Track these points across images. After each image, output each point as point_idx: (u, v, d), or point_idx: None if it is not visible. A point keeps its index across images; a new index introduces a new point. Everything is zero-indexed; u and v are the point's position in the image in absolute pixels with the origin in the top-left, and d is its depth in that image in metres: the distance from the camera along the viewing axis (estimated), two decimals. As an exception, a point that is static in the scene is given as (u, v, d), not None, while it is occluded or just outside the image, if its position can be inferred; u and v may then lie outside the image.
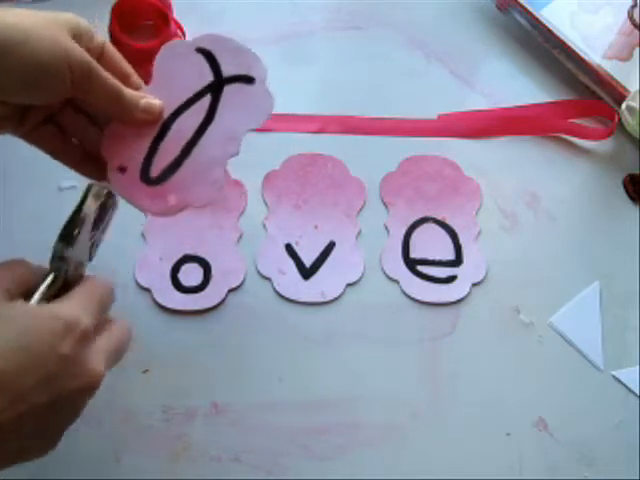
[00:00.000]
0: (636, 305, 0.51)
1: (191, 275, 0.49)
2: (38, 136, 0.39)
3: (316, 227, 0.52)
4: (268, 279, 0.50)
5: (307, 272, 0.50)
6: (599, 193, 0.56)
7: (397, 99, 0.58)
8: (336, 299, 0.50)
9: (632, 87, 0.56)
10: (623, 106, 0.55)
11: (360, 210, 0.53)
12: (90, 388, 0.33)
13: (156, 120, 0.39)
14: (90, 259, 0.36)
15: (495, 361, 0.48)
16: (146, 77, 0.57)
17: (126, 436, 0.44)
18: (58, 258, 0.34)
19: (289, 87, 0.57)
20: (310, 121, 0.56)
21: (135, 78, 0.40)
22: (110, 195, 0.36)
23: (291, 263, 0.51)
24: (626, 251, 0.53)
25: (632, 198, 0.55)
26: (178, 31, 0.57)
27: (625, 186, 0.56)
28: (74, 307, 0.33)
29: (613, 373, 0.49)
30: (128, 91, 0.38)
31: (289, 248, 0.51)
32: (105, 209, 0.36)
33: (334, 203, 0.53)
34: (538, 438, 0.46)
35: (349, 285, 0.50)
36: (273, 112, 0.43)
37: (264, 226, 0.52)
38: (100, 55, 0.38)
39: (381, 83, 0.59)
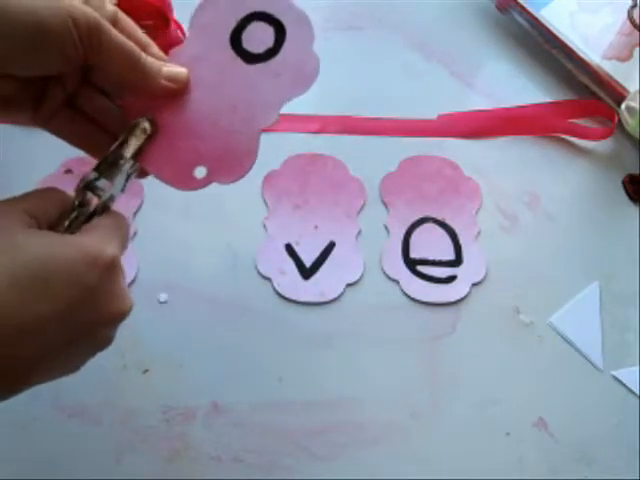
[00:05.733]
0: (636, 305, 0.51)
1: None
2: (58, 123, 0.36)
3: (316, 227, 0.52)
4: (268, 279, 0.50)
5: (307, 272, 0.50)
6: (599, 193, 0.56)
7: (397, 99, 0.58)
8: (336, 299, 0.50)
9: (632, 87, 0.56)
10: (623, 106, 0.55)
11: (360, 210, 0.53)
12: (117, 322, 0.31)
13: (181, 90, 0.36)
14: (122, 191, 0.34)
15: (495, 361, 0.48)
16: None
17: (126, 436, 0.44)
18: (92, 189, 0.32)
19: (289, 87, 0.57)
20: (310, 121, 0.56)
21: (155, 49, 0.36)
22: (155, 128, 0.35)
23: (291, 263, 0.50)
24: (626, 251, 0.53)
25: (632, 198, 0.55)
26: (178, 31, 0.57)
27: (625, 186, 0.56)
28: (101, 237, 0.30)
29: (613, 373, 0.49)
30: (147, 56, 0.34)
31: (289, 248, 0.51)
32: (149, 141, 0.35)
33: (334, 203, 0.53)
34: (538, 438, 0.46)
35: (349, 285, 0.50)
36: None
37: (264, 226, 0.52)
38: (113, 23, 0.34)
39: (381, 83, 0.59)
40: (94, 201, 0.32)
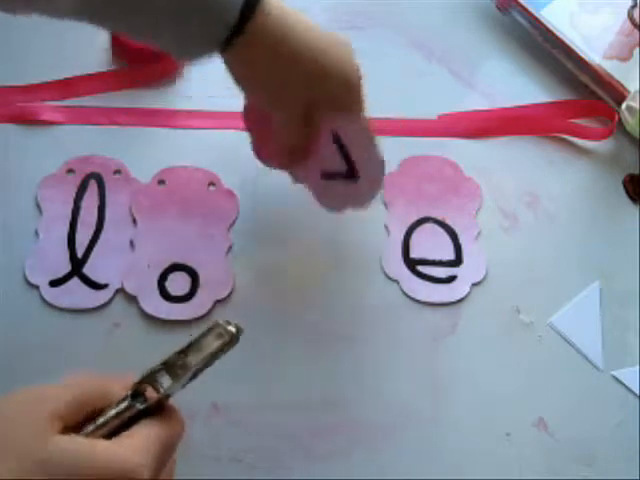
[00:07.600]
0: (636, 305, 0.51)
1: (178, 284, 0.49)
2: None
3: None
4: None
5: (307, 272, 0.50)
6: (599, 193, 0.56)
7: (397, 99, 0.58)
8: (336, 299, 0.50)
9: (632, 87, 0.56)
10: (623, 106, 0.55)
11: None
12: None
13: None
14: (182, 387, 0.32)
15: (495, 361, 0.48)
16: (147, 76, 0.57)
17: (126, 436, 0.44)
18: (152, 385, 0.30)
19: (289, 87, 0.57)
20: (310, 121, 0.56)
21: None
22: (234, 336, 0.32)
23: (291, 263, 0.51)
24: (626, 251, 0.53)
25: (632, 198, 0.55)
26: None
27: (625, 186, 0.56)
28: (136, 451, 0.27)
29: (613, 373, 0.49)
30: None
31: (289, 248, 0.51)
32: (223, 349, 0.32)
33: (334, 203, 0.53)
34: (538, 438, 0.46)
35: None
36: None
37: (264, 226, 0.52)
38: None
39: (381, 83, 0.59)
40: (150, 394, 0.30)
